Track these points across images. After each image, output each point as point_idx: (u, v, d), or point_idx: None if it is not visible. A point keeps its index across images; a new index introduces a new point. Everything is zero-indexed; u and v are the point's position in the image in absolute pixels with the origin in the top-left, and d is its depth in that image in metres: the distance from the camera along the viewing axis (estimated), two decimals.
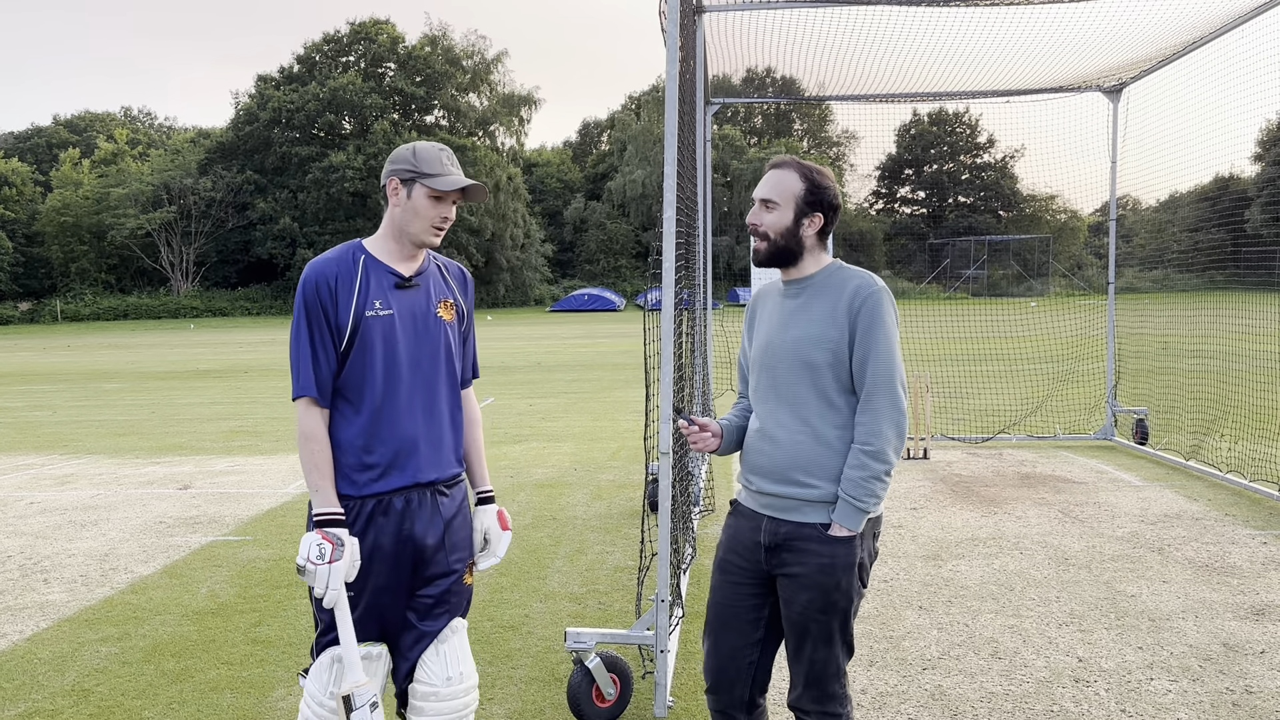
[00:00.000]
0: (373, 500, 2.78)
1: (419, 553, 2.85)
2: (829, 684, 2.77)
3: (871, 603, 5.25)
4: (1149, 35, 7.92)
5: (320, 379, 2.76)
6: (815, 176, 2.81)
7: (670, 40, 3.92)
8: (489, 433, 11.66)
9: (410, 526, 2.82)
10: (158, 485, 8.96)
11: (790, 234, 2.80)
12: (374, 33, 61.94)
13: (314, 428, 2.76)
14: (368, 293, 2.78)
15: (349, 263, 2.80)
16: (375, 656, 2.85)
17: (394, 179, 2.81)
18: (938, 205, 65.63)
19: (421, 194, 2.79)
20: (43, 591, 5.80)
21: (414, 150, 2.82)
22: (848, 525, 2.68)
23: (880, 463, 2.66)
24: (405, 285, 2.84)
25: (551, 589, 5.62)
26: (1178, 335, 12.15)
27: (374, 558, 2.78)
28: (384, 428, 2.79)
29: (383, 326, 2.78)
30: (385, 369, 2.79)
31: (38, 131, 76.58)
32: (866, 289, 2.71)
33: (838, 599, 2.71)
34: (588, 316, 49.20)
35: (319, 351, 2.75)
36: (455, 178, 2.81)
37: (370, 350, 2.77)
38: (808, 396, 2.74)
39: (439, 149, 2.83)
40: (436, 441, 2.88)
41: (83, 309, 56.01)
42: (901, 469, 8.92)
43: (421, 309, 2.86)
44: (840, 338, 2.70)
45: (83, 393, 18.07)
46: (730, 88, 12.18)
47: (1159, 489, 7.90)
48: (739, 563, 2.87)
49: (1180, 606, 5.09)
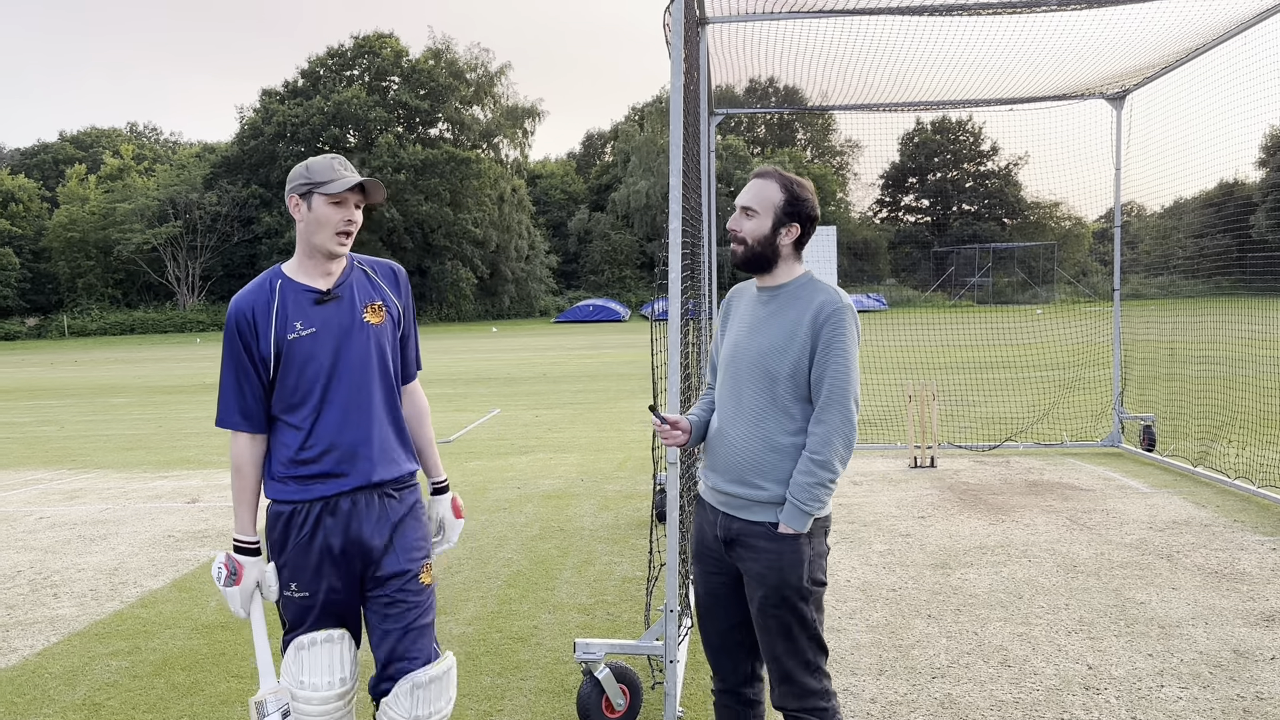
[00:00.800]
0: (320, 503, 2.91)
1: (366, 553, 2.96)
2: (802, 678, 2.86)
3: (880, 611, 5.25)
4: (1152, 42, 7.94)
5: (245, 408, 2.92)
6: (795, 188, 2.93)
7: (675, 52, 3.94)
8: (496, 444, 11.67)
9: (358, 527, 2.93)
10: (166, 499, 8.99)
11: (767, 241, 2.93)
12: (378, 46, 62.17)
13: (238, 456, 2.94)
14: (286, 316, 2.89)
15: (265, 291, 2.91)
16: (337, 639, 2.97)
17: (293, 196, 2.91)
18: (942, 213, 65.65)
19: (320, 203, 2.88)
20: (53, 606, 5.81)
21: (306, 165, 2.93)
22: (794, 526, 2.82)
23: (827, 471, 2.79)
24: (325, 299, 2.93)
25: (560, 600, 5.62)
26: (1184, 341, 12.14)
27: (324, 559, 2.92)
28: (324, 438, 2.91)
29: (306, 345, 2.89)
30: (317, 383, 2.90)
31: (44, 148, 76.95)
32: (831, 306, 2.82)
33: (789, 594, 2.83)
34: (593, 327, 49.23)
35: (241, 383, 2.90)
36: (348, 178, 2.90)
37: (298, 369, 2.88)
38: (765, 404, 2.87)
39: (331, 158, 2.92)
40: (379, 444, 2.98)
41: (89, 324, 56.17)
42: (909, 477, 8.92)
43: (345, 319, 2.95)
44: (801, 351, 2.82)
45: (90, 407, 18.12)
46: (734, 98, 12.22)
47: (1167, 495, 7.88)
48: (709, 554, 3.04)
49: (1190, 613, 5.08)
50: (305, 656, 2.94)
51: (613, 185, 68.40)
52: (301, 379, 2.88)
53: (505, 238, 60.81)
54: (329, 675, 2.94)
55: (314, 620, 2.95)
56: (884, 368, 13.16)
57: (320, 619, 2.96)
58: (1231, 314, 11.29)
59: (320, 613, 2.95)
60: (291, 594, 2.94)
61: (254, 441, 2.93)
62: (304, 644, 2.94)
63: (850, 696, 4.17)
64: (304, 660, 2.94)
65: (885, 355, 13.17)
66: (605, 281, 64.76)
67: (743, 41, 7.77)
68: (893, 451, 10.31)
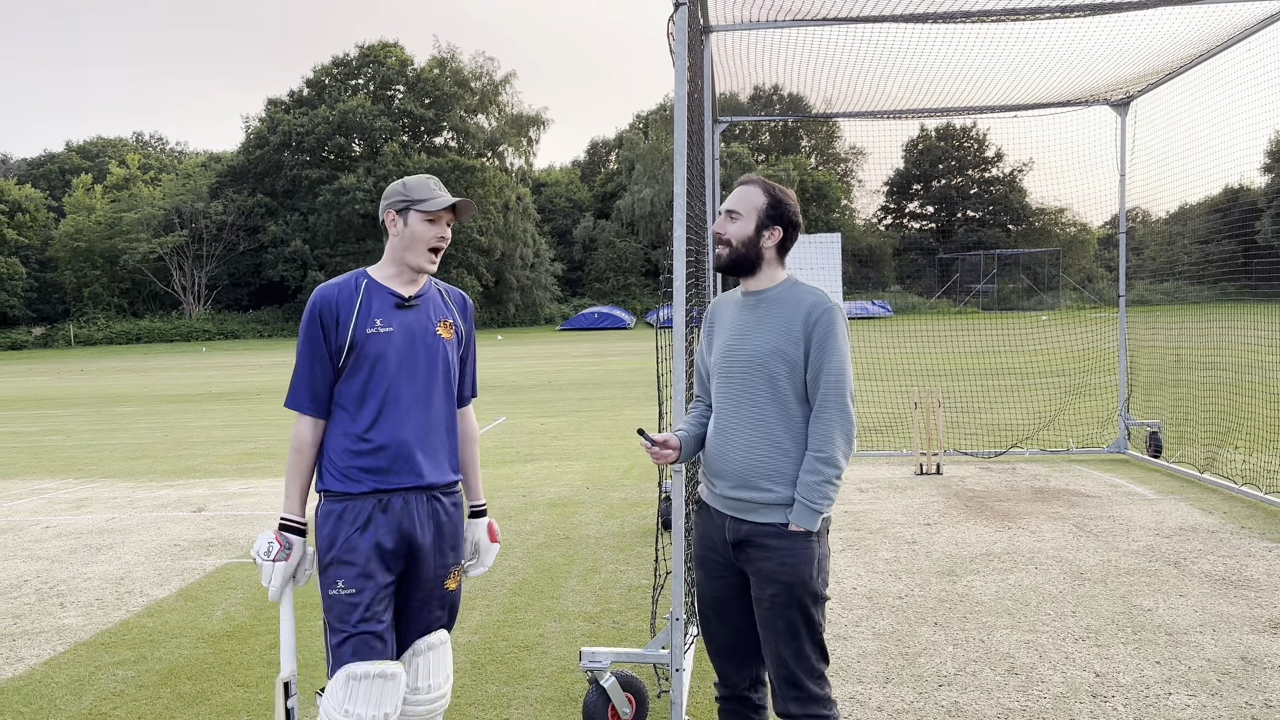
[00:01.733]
0: (373, 498, 3.00)
1: (414, 551, 3.05)
2: (805, 684, 2.88)
3: (887, 619, 5.24)
4: (1156, 49, 7.94)
5: (314, 393, 3.03)
6: (778, 193, 3.03)
7: (679, 60, 3.95)
8: (501, 451, 11.67)
9: (409, 526, 3.02)
10: (172, 508, 9.00)
11: (751, 243, 3.00)
12: (383, 55, 62.38)
13: (301, 437, 3.05)
14: (368, 313, 3.04)
15: (351, 287, 3.07)
16: (390, 675, 2.95)
17: (390, 211, 3.11)
18: (947, 220, 65.65)
19: (416, 219, 3.07)
20: (59, 615, 5.82)
21: (404, 183, 3.11)
22: (804, 524, 2.86)
23: (832, 467, 2.84)
24: (405, 305, 3.10)
25: (565, 608, 5.62)
26: (1190, 347, 12.12)
27: (373, 554, 2.97)
28: (384, 433, 3.01)
29: (382, 342, 3.02)
30: (385, 380, 3.02)
31: (51, 158, 77.31)
32: (821, 306, 2.89)
33: (800, 590, 2.86)
34: (598, 335, 49.26)
35: (315, 368, 3.02)
36: (444, 198, 3.10)
37: (370, 363, 3.01)
38: (766, 405, 2.92)
39: (426, 177, 3.13)
40: (433, 448, 3.11)
41: (96, 333, 56.34)
42: (914, 484, 8.91)
43: (421, 326, 3.10)
44: (796, 351, 2.88)
45: (97, 416, 18.15)
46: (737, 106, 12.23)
47: (1174, 502, 7.86)
48: (715, 558, 3.06)
49: (1197, 620, 5.06)
50: (356, 688, 2.92)
51: (617, 193, 68.51)
52: (371, 374, 3.00)
53: (510, 246, 60.91)
54: (375, 710, 2.92)
55: (357, 620, 2.94)
56: (889, 374, 13.15)
57: (363, 619, 2.95)
58: (1237, 319, 11.26)
59: (364, 612, 2.95)
60: (339, 591, 2.96)
61: (316, 426, 3.05)
62: (357, 674, 2.92)
63: (857, 704, 4.17)
64: (353, 690, 2.91)
65: (890, 362, 13.16)
66: (610, 289, 64.83)
67: (746, 49, 7.78)
68: (898, 458, 10.30)
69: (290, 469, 3.04)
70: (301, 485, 3.04)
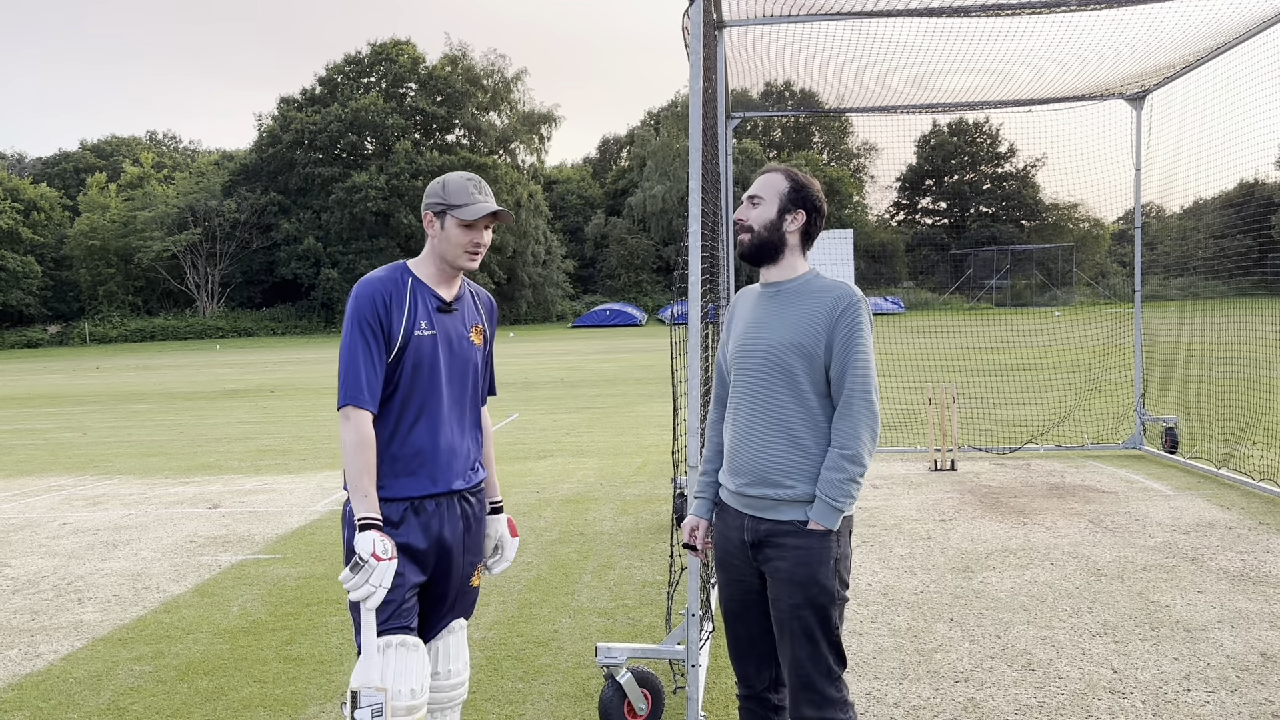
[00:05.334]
0: (406, 502, 2.96)
1: (444, 554, 3.04)
2: (822, 685, 2.82)
3: (902, 615, 5.22)
4: (1172, 42, 7.89)
5: (372, 386, 2.92)
6: (800, 178, 2.98)
7: (693, 55, 3.94)
8: (514, 448, 11.69)
9: (439, 528, 3.01)
10: (187, 505, 9.04)
11: (774, 227, 2.95)
12: (395, 53, 62.48)
13: (363, 434, 2.88)
14: (416, 313, 2.98)
15: (399, 282, 3.00)
16: (412, 646, 2.92)
17: (428, 213, 3.03)
18: (959, 215, 65.43)
19: (453, 224, 2.99)
20: (77, 611, 5.85)
21: (444, 184, 3.02)
22: (825, 523, 2.80)
23: (857, 466, 2.78)
24: (446, 309, 3.06)
25: (580, 604, 5.62)
26: (1206, 343, 12.04)
27: (404, 556, 2.93)
28: (422, 437, 2.98)
29: (427, 345, 2.99)
30: (425, 384, 2.99)
31: (65, 157, 77.64)
32: (846, 299, 2.83)
33: (816, 592, 2.81)
34: (609, 332, 49.28)
35: (372, 359, 2.91)
36: (481, 205, 3.00)
37: (413, 366, 2.96)
38: (784, 400, 2.85)
39: (467, 178, 3.02)
40: (465, 453, 3.10)
41: (110, 331, 56.64)
42: (929, 480, 8.88)
43: (458, 332, 3.08)
44: (817, 345, 2.81)
45: (112, 414, 18.25)
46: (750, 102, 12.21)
47: (1191, 498, 7.82)
48: (734, 560, 3.00)
49: (1216, 617, 5.03)
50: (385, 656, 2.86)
51: (629, 190, 68.46)
52: (413, 377, 2.96)
53: (522, 243, 60.96)
54: (401, 684, 2.84)
55: (385, 618, 2.87)
56: (903, 371, 13.10)
57: (391, 618, 2.89)
58: (1254, 315, 11.19)
59: (394, 611, 2.90)
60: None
61: (371, 421, 2.91)
62: (381, 645, 2.86)
63: (873, 701, 4.15)
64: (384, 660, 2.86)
65: (904, 358, 13.11)
66: (622, 286, 64.80)
67: (759, 45, 7.76)
68: (913, 455, 10.27)
69: (358, 469, 2.85)
70: (373, 480, 2.87)
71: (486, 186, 3.06)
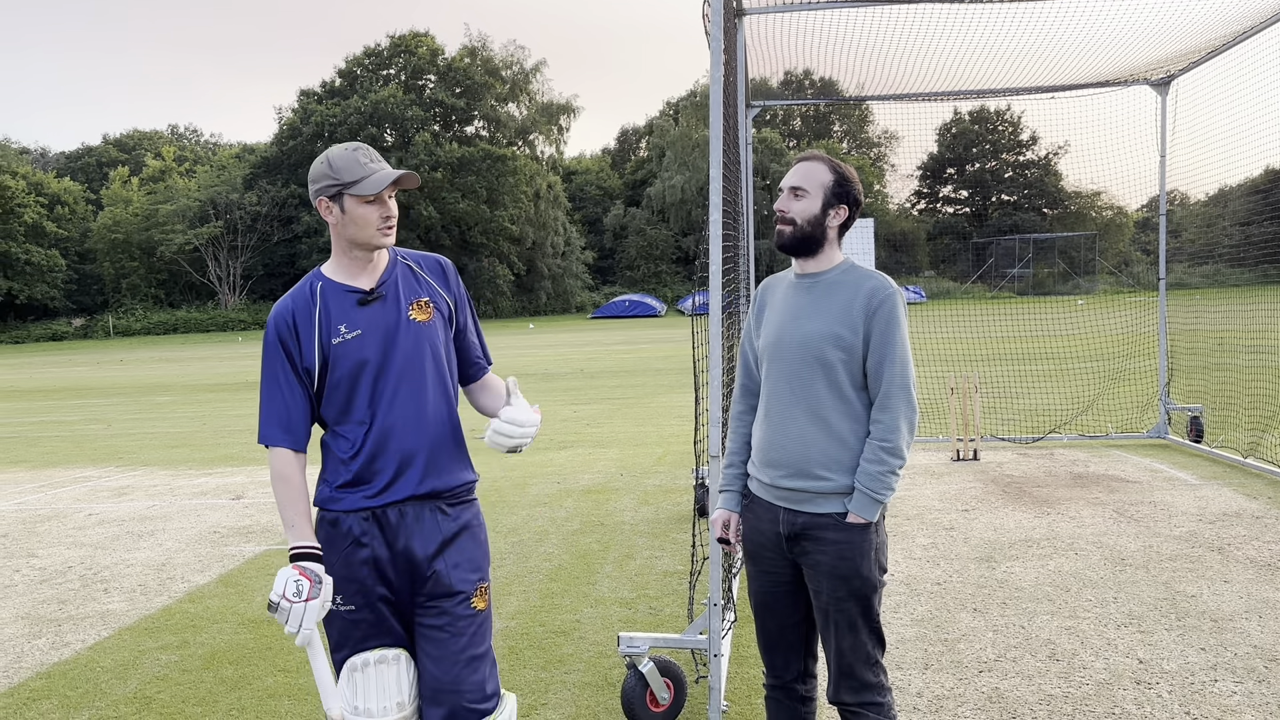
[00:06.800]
0: (365, 514, 2.71)
1: (415, 568, 2.73)
2: (862, 672, 2.84)
3: (925, 605, 5.20)
4: (1198, 26, 7.79)
5: (287, 422, 2.71)
6: (844, 170, 2.94)
7: (714, 44, 3.92)
8: (535, 439, 11.69)
9: (406, 540, 2.72)
10: (211, 496, 9.10)
11: (817, 222, 2.90)
12: (414, 45, 62.55)
13: (283, 468, 2.70)
14: (329, 321, 2.71)
15: (305, 296, 2.73)
16: (392, 659, 2.73)
17: (321, 199, 2.71)
18: (981, 204, 64.99)
19: (354, 203, 2.67)
20: (103, 601, 5.91)
21: (328, 162, 2.69)
22: (865, 515, 2.78)
23: (897, 458, 2.78)
24: (368, 300, 2.74)
25: (601, 594, 5.62)
26: (1233, 331, 11.92)
27: (371, 572, 2.71)
28: (373, 445, 2.72)
29: (352, 349, 2.70)
30: (365, 389, 2.72)
31: (88, 151, 78.28)
32: (883, 291, 2.81)
33: (859, 585, 2.80)
34: (629, 322, 49.27)
35: (284, 395, 2.71)
36: (380, 175, 2.67)
37: (346, 375, 2.71)
38: (822, 392, 2.83)
39: (354, 149, 2.70)
40: (431, 451, 2.77)
41: (134, 324, 57.08)
42: (952, 470, 8.84)
43: (391, 320, 2.75)
44: (854, 337, 2.80)
45: (136, 406, 18.40)
46: (769, 90, 12.15)
47: (1216, 487, 7.74)
48: (766, 553, 2.98)
49: (1243, 607, 4.99)
50: (359, 679, 2.70)
51: (648, 180, 68.33)
52: (348, 385, 2.71)
53: (541, 234, 61.00)
54: (384, 700, 2.69)
55: (361, 637, 2.72)
56: (925, 360, 13.00)
57: (368, 636, 2.73)
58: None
59: (369, 629, 2.73)
60: (337, 608, 2.70)
61: (297, 457, 2.72)
62: (357, 665, 2.70)
63: (897, 691, 4.14)
64: (358, 683, 2.69)
65: (926, 348, 13.03)
66: (641, 277, 64.74)
67: (778, 33, 7.72)
68: (935, 444, 10.23)
69: (284, 501, 2.66)
70: (304, 511, 2.66)
71: (375, 152, 2.73)
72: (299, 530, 2.64)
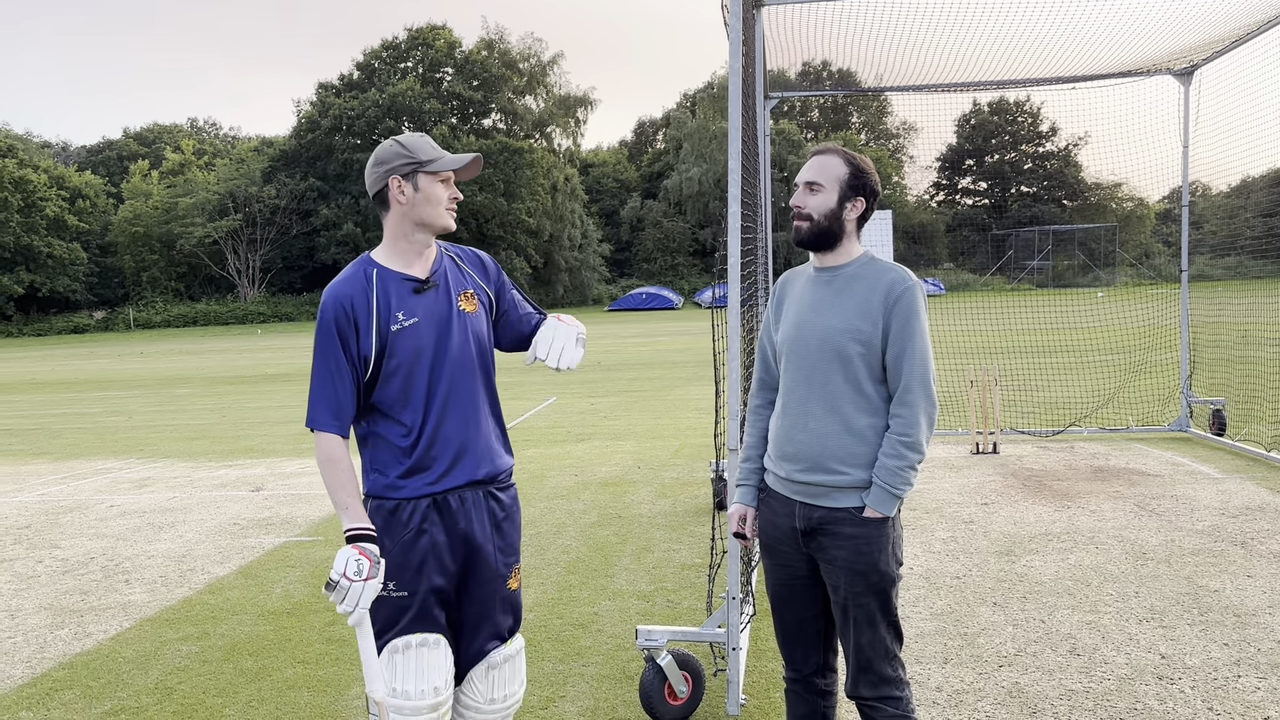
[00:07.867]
0: (427, 500, 2.78)
1: (472, 552, 2.85)
2: (880, 667, 2.83)
3: (945, 599, 5.18)
4: (1222, 15, 7.70)
5: (339, 408, 2.75)
6: (859, 162, 2.91)
7: (733, 34, 3.90)
8: (552, 432, 11.72)
9: (466, 525, 2.82)
10: (231, 488, 9.15)
11: (834, 216, 2.88)
12: (431, 38, 62.57)
13: (332, 450, 2.75)
14: (388, 308, 2.76)
15: (362, 281, 2.78)
16: (432, 644, 2.79)
17: (394, 177, 2.78)
18: (1000, 196, 64.60)
19: (428, 182, 2.79)
20: (125, 592, 5.95)
21: (403, 144, 2.81)
22: (882, 510, 2.77)
23: (916, 453, 2.77)
24: (423, 288, 2.82)
25: (619, 587, 5.62)
26: (1257, 323, 11.81)
27: (428, 557, 2.78)
28: (432, 433, 2.79)
29: (411, 336, 2.77)
30: (422, 376, 2.78)
31: (109, 144, 78.69)
32: (902, 284, 2.80)
33: (876, 580, 2.79)
34: (646, 315, 49.24)
35: (336, 381, 2.75)
36: (455, 156, 2.84)
37: (404, 363, 2.76)
38: (840, 386, 2.81)
39: (420, 136, 2.85)
40: (483, 438, 2.88)
41: (154, 316, 57.43)
42: (972, 464, 8.79)
43: (444, 309, 2.84)
44: (874, 330, 2.78)
45: (156, 398, 18.52)
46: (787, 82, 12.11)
47: (1239, 481, 7.68)
48: (782, 546, 2.97)
49: (1267, 601, 4.94)
50: (399, 661, 2.75)
51: (665, 173, 68.21)
52: (405, 373, 2.76)
53: (558, 227, 60.98)
54: (422, 683, 2.75)
55: (408, 622, 2.78)
56: (944, 353, 12.94)
57: (415, 620, 2.78)
58: None
59: (416, 613, 2.78)
60: (388, 593, 2.75)
61: (343, 442, 2.77)
62: (398, 648, 2.76)
63: (916, 685, 4.12)
64: (398, 665, 2.75)
65: (945, 340, 12.96)
66: (658, 269, 64.68)
67: (797, 24, 7.68)
68: (954, 437, 10.17)
69: (333, 484, 2.72)
70: (354, 491, 2.73)
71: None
72: (354, 512, 2.71)
